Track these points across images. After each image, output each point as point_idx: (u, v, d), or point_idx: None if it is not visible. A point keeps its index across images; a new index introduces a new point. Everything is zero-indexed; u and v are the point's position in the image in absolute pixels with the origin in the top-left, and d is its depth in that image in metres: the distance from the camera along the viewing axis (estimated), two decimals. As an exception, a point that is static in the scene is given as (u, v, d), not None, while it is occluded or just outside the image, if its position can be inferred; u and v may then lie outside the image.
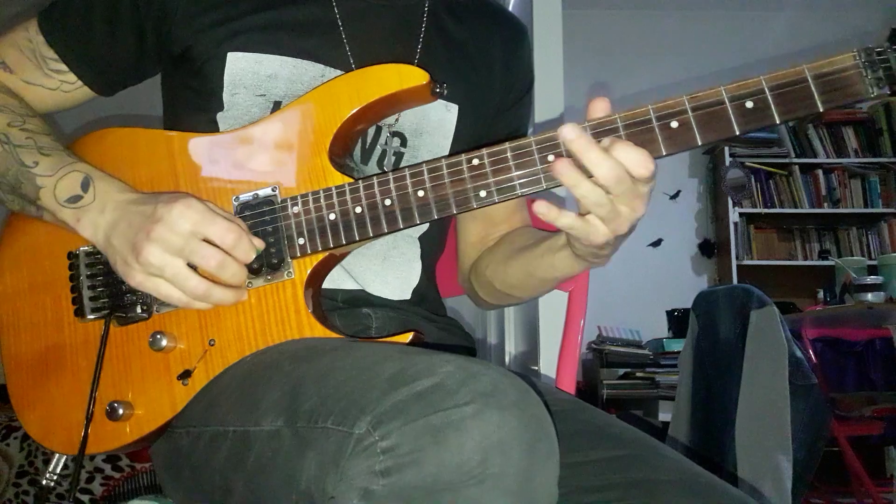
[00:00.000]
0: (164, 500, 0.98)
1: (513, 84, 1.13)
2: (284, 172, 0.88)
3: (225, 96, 0.96)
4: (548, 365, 2.14)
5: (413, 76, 0.87)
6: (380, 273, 1.00)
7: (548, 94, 2.29)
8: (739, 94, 0.76)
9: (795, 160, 4.63)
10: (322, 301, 0.92)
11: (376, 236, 0.85)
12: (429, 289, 1.08)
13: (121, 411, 0.87)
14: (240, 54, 0.96)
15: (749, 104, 0.76)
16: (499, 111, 1.12)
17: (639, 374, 3.76)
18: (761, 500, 2.04)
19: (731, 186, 4.53)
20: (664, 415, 3.51)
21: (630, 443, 0.88)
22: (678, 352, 3.02)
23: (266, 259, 0.86)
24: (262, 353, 0.86)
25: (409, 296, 1.03)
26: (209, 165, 0.91)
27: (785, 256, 4.63)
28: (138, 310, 0.89)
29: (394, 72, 0.88)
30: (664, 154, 0.78)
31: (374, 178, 0.84)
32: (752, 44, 4.75)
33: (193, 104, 1.00)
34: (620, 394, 3.76)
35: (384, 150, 1.01)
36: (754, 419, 2.17)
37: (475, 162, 0.81)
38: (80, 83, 1.01)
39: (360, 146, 1.00)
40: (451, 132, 1.05)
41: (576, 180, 0.76)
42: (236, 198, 0.89)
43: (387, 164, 1.01)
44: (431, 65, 0.97)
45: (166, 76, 1.06)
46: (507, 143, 0.81)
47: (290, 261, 0.87)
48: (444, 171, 0.82)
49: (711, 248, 4.78)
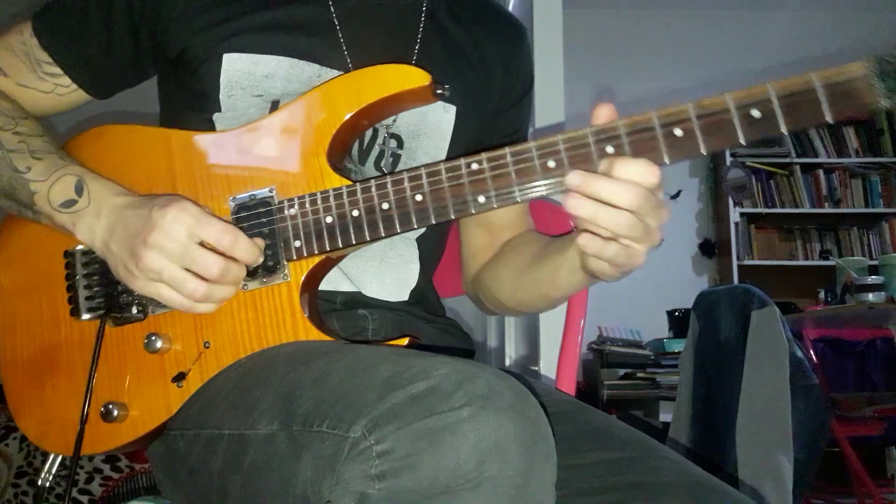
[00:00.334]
0: (162, 501, 0.98)
1: (512, 85, 1.12)
2: (282, 173, 0.88)
3: (222, 97, 0.96)
4: (548, 365, 2.14)
5: (414, 77, 0.86)
6: (377, 275, 1.00)
7: (548, 94, 2.28)
8: (746, 103, 0.74)
9: (796, 160, 4.63)
10: (319, 303, 0.92)
11: (373, 240, 0.84)
12: (427, 290, 1.07)
13: (116, 413, 0.86)
14: (236, 55, 0.95)
15: (755, 113, 0.74)
16: (498, 113, 1.11)
17: (639, 375, 3.76)
18: (761, 502, 2.04)
19: (731, 186, 4.53)
20: (665, 415, 3.51)
21: (630, 445, 0.87)
22: (679, 352, 3.02)
23: (262, 262, 0.86)
24: (257, 355, 0.85)
25: (407, 297, 1.03)
26: (206, 165, 0.91)
27: (786, 256, 4.63)
28: (134, 311, 0.88)
29: (395, 72, 0.87)
30: (667, 162, 0.76)
31: (372, 182, 0.83)
32: (755, 44, 4.75)
33: (190, 105, 0.99)
34: (621, 394, 3.76)
35: (381, 151, 1.00)
36: (755, 419, 2.17)
37: (474, 167, 0.80)
38: (75, 86, 1.00)
39: (357, 146, 0.99)
40: (449, 134, 1.04)
41: (595, 211, 0.74)
42: (233, 198, 0.88)
43: (384, 166, 1.01)
44: (429, 65, 0.96)
45: (163, 78, 1.05)
46: (507, 148, 0.80)
47: (285, 263, 0.86)
48: (443, 175, 0.81)
49: (712, 248, 4.78)
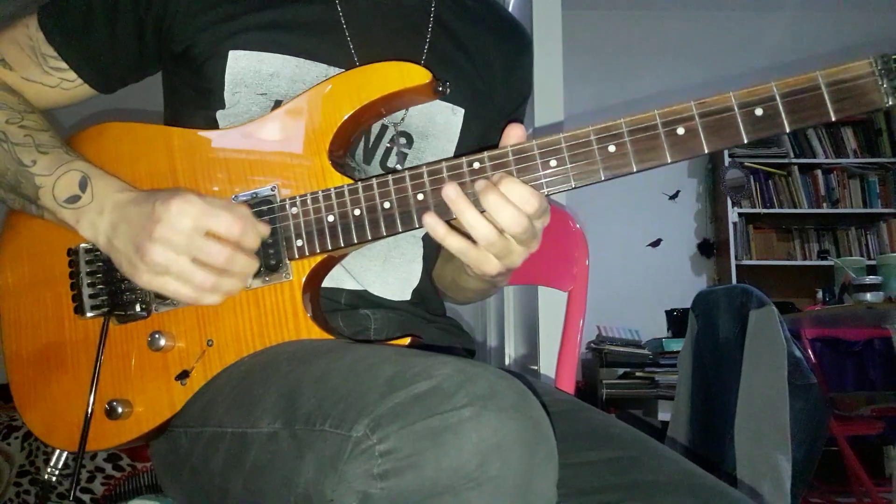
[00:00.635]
0: (164, 499, 0.98)
1: (510, 94, 1.13)
2: (283, 172, 0.88)
3: (226, 95, 0.96)
4: (547, 365, 2.14)
5: (415, 74, 0.86)
6: (380, 274, 1.00)
7: (548, 95, 2.28)
8: (749, 101, 0.74)
9: (794, 160, 4.63)
10: (322, 301, 0.92)
11: (375, 239, 0.84)
12: (429, 289, 1.07)
13: (120, 410, 0.87)
14: (241, 52, 0.95)
15: (759, 111, 0.74)
16: (499, 118, 1.12)
17: (638, 374, 3.76)
18: (760, 501, 2.04)
19: (730, 186, 4.53)
20: (663, 414, 3.51)
21: (629, 444, 0.88)
22: (677, 351, 3.02)
23: (264, 260, 0.86)
24: (259, 353, 0.85)
25: (409, 296, 1.03)
26: (208, 163, 0.91)
27: (784, 256, 4.63)
28: (137, 308, 0.89)
29: (395, 69, 0.86)
30: (669, 161, 0.77)
31: (374, 180, 0.83)
32: (755, 44, 4.75)
33: (194, 102, 0.99)
34: (620, 393, 3.76)
35: (388, 150, 1.00)
36: (753, 418, 2.18)
37: (476, 165, 0.80)
38: (80, 81, 1.01)
39: (362, 145, 0.99)
40: (456, 136, 1.04)
41: (482, 228, 0.78)
42: (235, 196, 0.88)
43: (390, 164, 1.01)
44: (439, 66, 0.96)
45: (167, 74, 1.05)
46: (509, 147, 0.80)
47: (288, 262, 0.86)
48: (445, 173, 0.81)
49: (710, 248, 4.79)
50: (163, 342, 0.86)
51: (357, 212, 0.84)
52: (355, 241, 0.84)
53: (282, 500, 0.70)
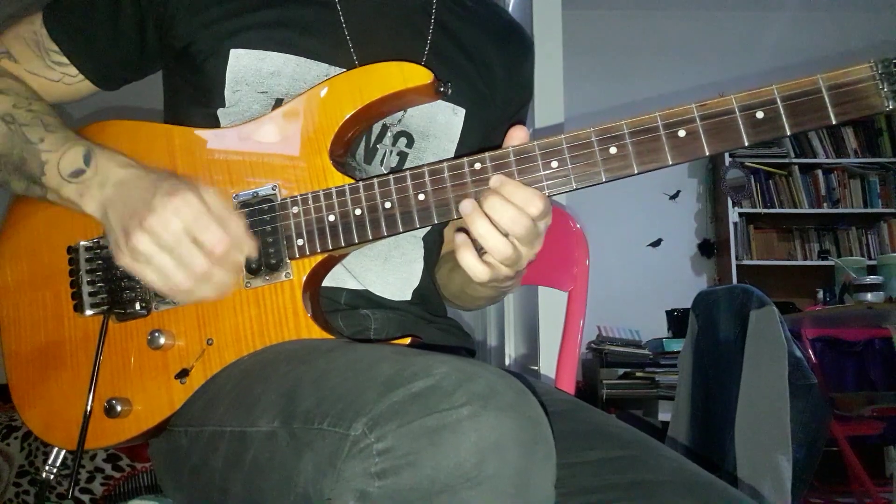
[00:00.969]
0: (164, 499, 0.98)
1: (511, 97, 1.13)
2: (284, 171, 0.88)
3: (227, 93, 0.96)
4: (547, 365, 2.14)
5: (417, 75, 0.86)
6: (381, 274, 1.00)
7: (548, 95, 2.29)
8: (750, 104, 0.75)
9: (795, 160, 4.63)
10: (323, 301, 0.92)
11: (375, 239, 0.84)
12: (429, 289, 1.07)
13: (119, 408, 0.87)
14: (243, 51, 0.96)
15: (760, 114, 0.74)
16: (499, 121, 1.11)
17: (638, 374, 3.76)
18: (760, 501, 2.04)
19: (730, 186, 4.53)
20: (664, 414, 3.51)
21: (629, 443, 0.88)
22: (678, 352, 3.02)
23: (265, 259, 0.86)
24: (259, 353, 0.85)
25: (410, 296, 1.03)
26: (209, 162, 0.91)
27: (784, 256, 4.63)
28: (137, 306, 0.89)
29: (397, 70, 0.86)
30: (670, 163, 0.77)
31: (375, 180, 0.83)
32: (755, 44, 4.75)
33: (194, 100, 1.00)
34: (620, 394, 3.76)
35: (388, 150, 1.00)
36: (754, 419, 2.17)
37: (477, 166, 0.80)
38: (81, 76, 1.01)
39: (363, 144, 0.99)
40: (457, 136, 1.04)
41: (487, 230, 0.78)
42: (236, 196, 0.88)
43: (390, 164, 1.01)
44: (439, 66, 0.96)
45: (167, 72, 1.05)
46: (511, 147, 0.80)
47: (288, 262, 0.86)
48: (446, 174, 0.81)
49: (711, 248, 4.78)
50: (162, 341, 0.86)
51: (358, 211, 0.84)
52: (356, 241, 0.84)
53: (281, 499, 0.70)
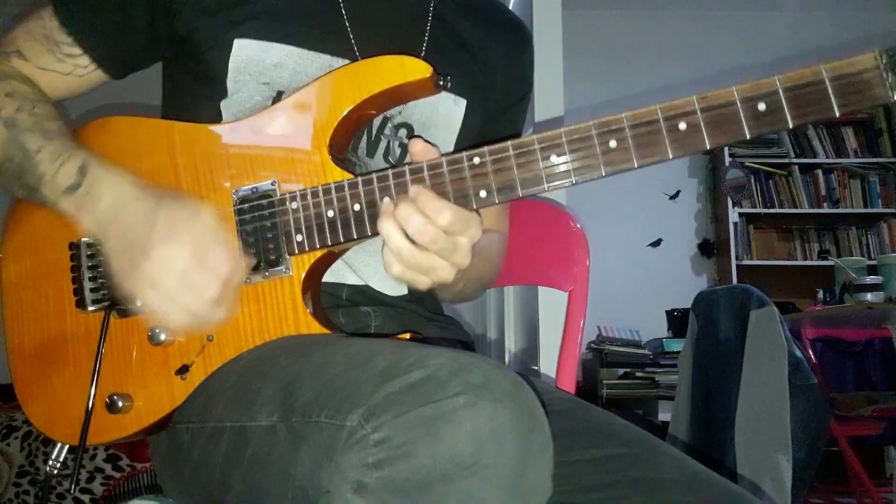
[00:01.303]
0: (164, 499, 0.98)
1: (510, 89, 1.13)
2: (284, 166, 0.88)
3: (229, 83, 0.96)
4: (548, 365, 2.14)
5: (416, 68, 0.85)
6: (380, 268, 0.99)
7: (548, 94, 2.29)
8: (752, 96, 0.73)
9: (795, 160, 4.63)
10: (323, 297, 0.92)
11: (374, 235, 0.84)
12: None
13: (120, 404, 0.87)
14: (246, 41, 0.95)
15: (762, 106, 0.73)
16: (498, 113, 1.12)
17: (638, 374, 3.76)
18: (762, 498, 2.04)
19: (730, 186, 4.53)
20: (664, 415, 3.51)
21: (630, 441, 0.88)
22: (678, 352, 3.02)
23: (264, 255, 0.86)
24: (258, 348, 0.85)
25: (406, 291, 1.03)
26: (209, 157, 0.90)
27: (784, 256, 4.63)
28: (138, 302, 0.88)
29: (396, 63, 0.86)
30: (670, 157, 0.75)
31: (374, 175, 0.83)
32: (755, 44, 4.75)
33: (195, 91, 0.99)
34: (620, 394, 3.76)
35: (389, 142, 1.00)
36: (754, 419, 2.17)
37: (476, 160, 0.80)
38: (92, 66, 1.00)
39: (365, 139, 0.99)
40: (458, 126, 1.05)
41: (390, 231, 0.78)
42: (235, 191, 0.88)
43: (394, 157, 1.01)
44: (438, 58, 0.96)
45: (169, 63, 1.05)
46: (510, 141, 0.79)
47: (287, 257, 0.86)
48: (445, 168, 0.80)
49: (711, 249, 4.78)
50: (163, 336, 0.86)
51: (357, 207, 0.84)
52: (355, 237, 0.84)
53: (280, 494, 0.70)
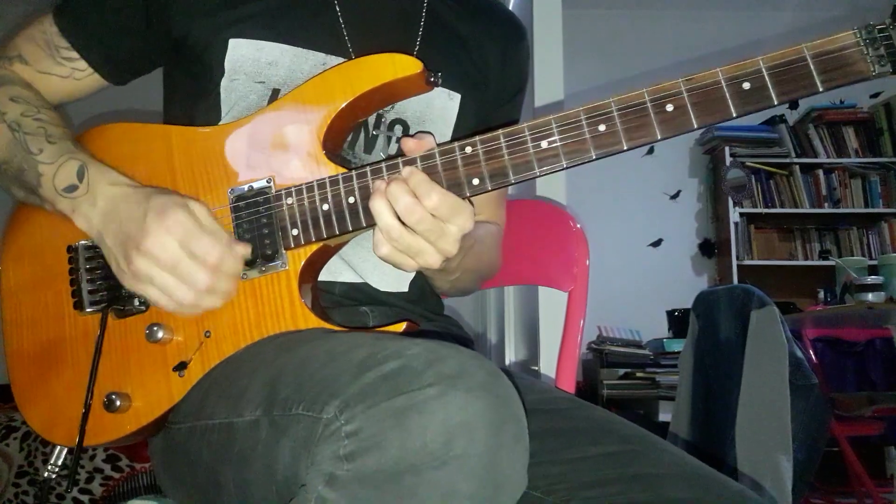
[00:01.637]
0: (163, 499, 0.98)
1: (505, 84, 1.14)
2: (279, 164, 0.89)
3: (224, 82, 0.97)
4: (548, 365, 2.14)
5: (407, 65, 0.86)
6: (378, 264, 1.00)
7: (548, 94, 2.29)
8: (736, 75, 0.76)
9: (796, 160, 4.62)
10: (322, 295, 0.92)
11: (370, 227, 0.84)
12: (426, 286, 1.07)
13: (119, 403, 0.87)
14: (241, 41, 0.96)
15: (746, 85, 0.75)
16: (493, 107, 1.13)
17: (639, 375, 3.75)
18: (762, 495, 2.04)
19: (731, 186, 4.53)
20: (664, 415, 3.50)
21: (629, 438, 0.88)
22: (678, 352, 3.01)
23: (260, 250, 0.87)
24: (251, 345, 0.86)
25: (406, 287, 1.03)
26: (205, 159, 0.92)
27: (785, 256, 4.62)
28: (136, 302, 0.89)
29: (387, 61, 0.87)
30: (659, 138, 0.77)
31: (368, 168, 0.84)
32: (755, 44, 4.75)
33: (193, 92, 1.00)
34: (620, 394, 3.75)
35: (387, 138, 1.01)
36: (755, 419, 2.17)
37: (468, 150, 0.81)
38: (90, 70, 1.02)
39: (363, 135, 1.00)
40: (453, 121, 1.06)
41: (380, 209, 0.78)
42: (231, 189, 0.89)
43: (388, 153, 1.01)
44: (432, 55, 0.97)
45: (167, 66, 1.06)
46: (501, 130, 0.81)
47: (284, 252, 0.87)
48: (437, 159, 0.82)
49: (712, 248, 4.78)
50: (161, 334, 0.87)
51: (351, 199, 0.84)
52: (350, 229, 0.85)
53: (266, 490, 0.70)
